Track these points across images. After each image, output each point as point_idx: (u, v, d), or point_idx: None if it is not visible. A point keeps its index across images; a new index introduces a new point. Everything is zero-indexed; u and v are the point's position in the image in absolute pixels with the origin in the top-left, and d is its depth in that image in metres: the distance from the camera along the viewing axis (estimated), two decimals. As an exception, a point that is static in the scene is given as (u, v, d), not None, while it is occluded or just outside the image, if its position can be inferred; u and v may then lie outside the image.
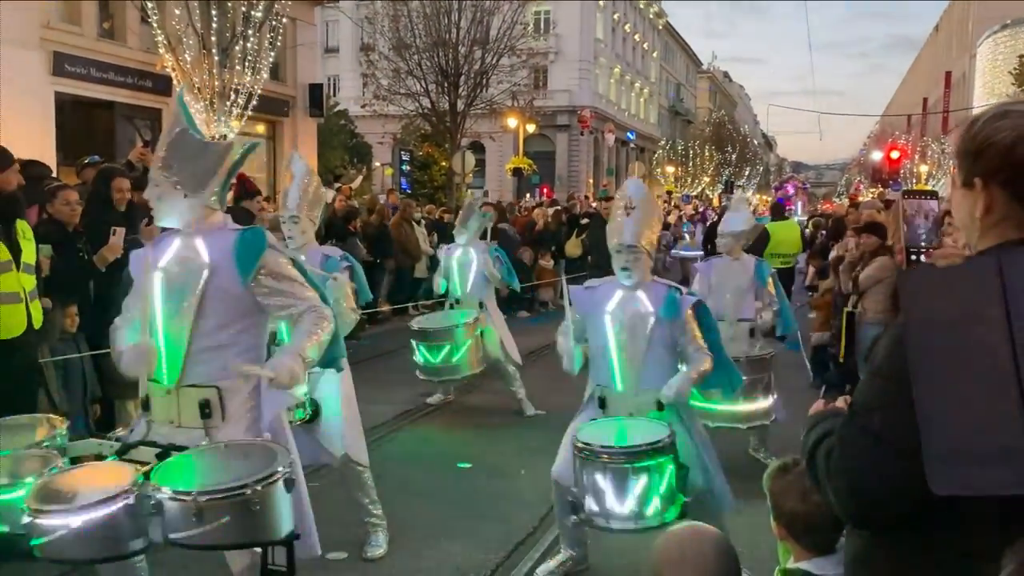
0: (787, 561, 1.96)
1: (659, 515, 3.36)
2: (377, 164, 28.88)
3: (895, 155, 30.87)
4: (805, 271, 11.73)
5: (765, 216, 18.10)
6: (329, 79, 35.31)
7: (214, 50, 14.21)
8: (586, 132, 38.89)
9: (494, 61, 22.82)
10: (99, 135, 14.67)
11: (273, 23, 15.49)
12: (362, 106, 26.02)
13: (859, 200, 20.55)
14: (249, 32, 14.79)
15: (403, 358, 6.92)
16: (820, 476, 1.49)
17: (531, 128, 29.47)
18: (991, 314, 1.17)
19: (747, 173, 65.81)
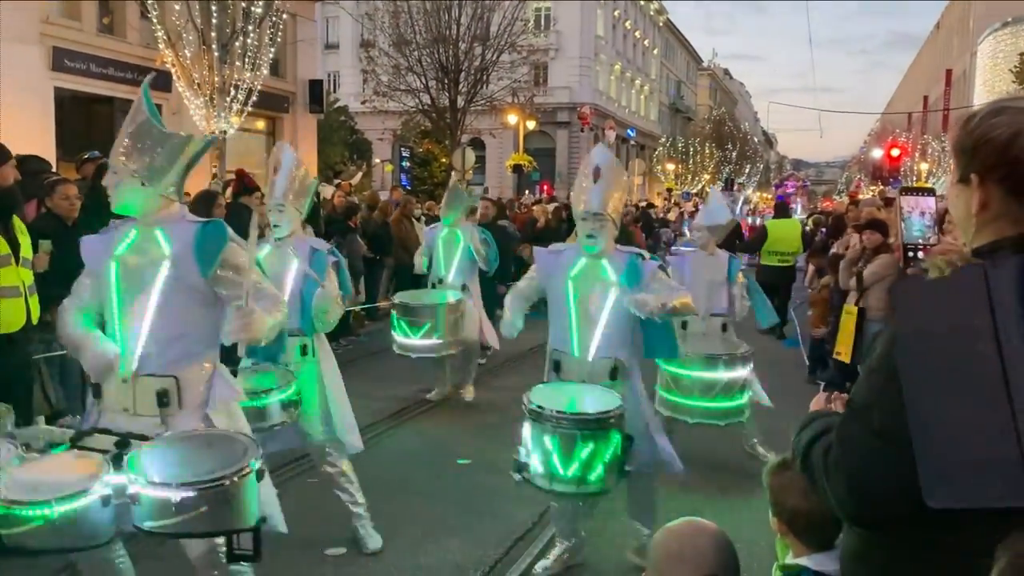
0: (785, 557, 1.96)
1: (601, 482, 3.41)
2: (377, 161, 28.87)
3: (895, 153, 30.85)
4: (805, 269, 11.72)
5: (768, 215, 18.13)
6: (329, 75, 35.31)
7: (214, 46, 14.20)
8: (586, 129, 38.86)
9: (494, 57, 22.81)
10: (98, 130, 14.64)
11: (273, 19, 15.48)
12: (362, 102, 25.98)
13: (859, 198, 20.55)
14: (249, 28, 14.78)
15: (400, 355, 6.93)
16: (817, 475, 1.49)
17: (531, 125, 29.44)
18: (979, 325, 1.16)
19: (747, 171, 65.79)
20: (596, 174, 3.77)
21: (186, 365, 2.88)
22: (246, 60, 14.79)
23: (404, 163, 24.21)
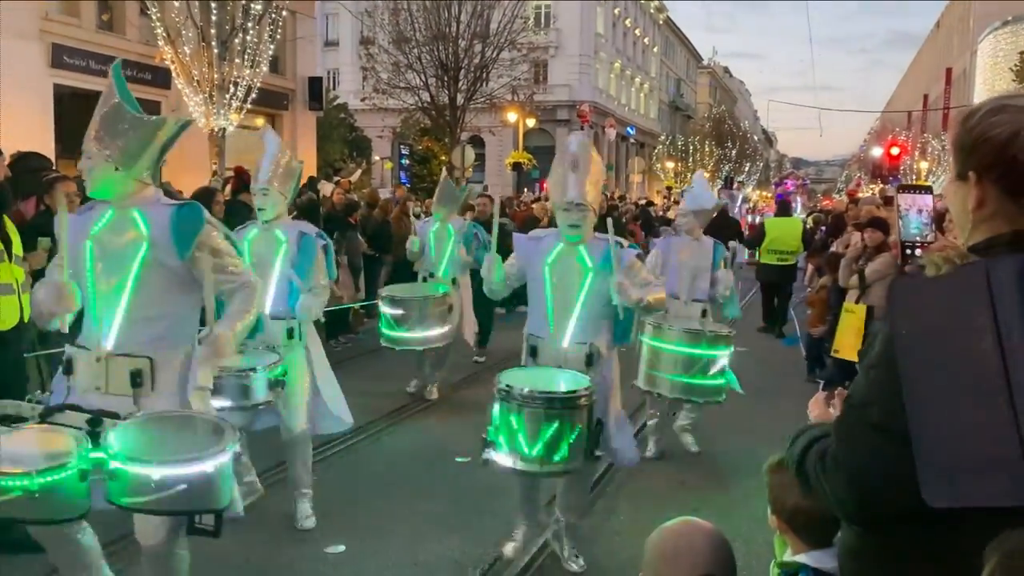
0: (783, 554, 1.96)
1: (565, 461, 3.46)
2: (376, 158, 28.85)
3: (895, 151, 30.86)
4: (805, 268, 11.71)
5: (767, 213, 18.10)
6: (328, 72, 35.26)
7: (213, 43, 14.19)
8: (586, 127, 38.83)
9: (494, 55, 22.79)
10: (98, 127, 14.63)
11: (272, 16, 15.46)
12: (362, 100, 25.96)
13: (858, 196, 20.55)
14: (248, 25, 14.77)
15: (400, 352, 6.94)
16: (812, 480, 1.49)
17: (531, 123, 29.42)
18: (979, 323, 1.16)
19: (747, 169, 65.75)
20: (574, 164, 3.82)
21: (162, 347, 2.89)
22: (245, 57, 14.78)
23: (403, 161, 24.20)
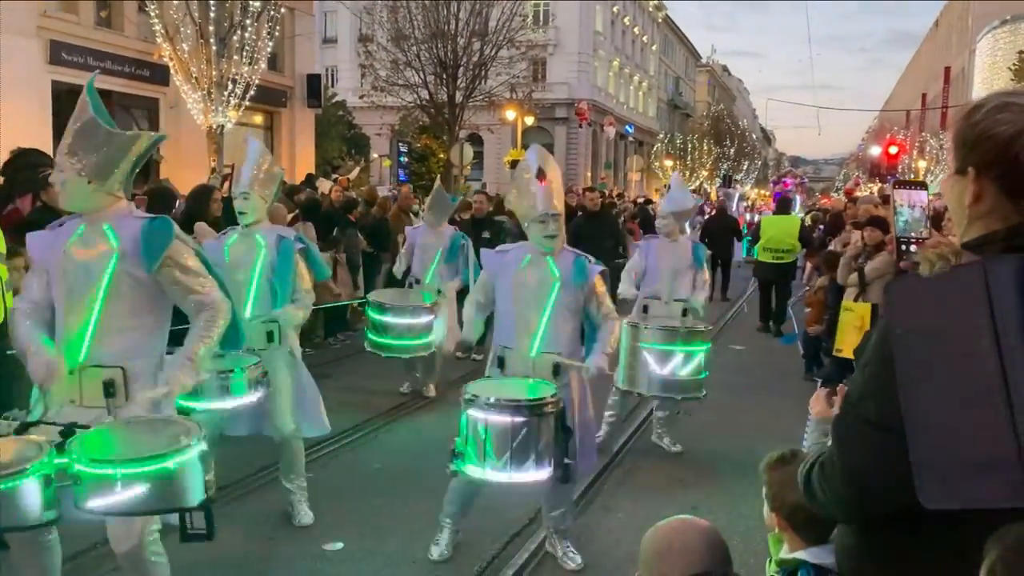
0: (779, 552, 1.96)
1: (533, 471, 3.48)
2: (375, 156, 28.82)
3: (893, 150, 30.88)
4: (804, 267, 11.71)
5: (766, 212, 18.09)
6: (327, 70, 35.24)
7: (212, 40, 14.17)
8: (584, 125, 38.82)
9: (493, 53, 22.75)
10: (96, 124, 14.61)
11: (271, 13, 15.44)
12: (360, 97, 25.93)
13: (856, 195, 20.55)
14: (247, 22, 14.74)
15: (373, 352, 6.96)
16: (816, 490, 1.49)
17: (529, 121, 29.40)
18: (977, 324, 1.15)
19: (745, 167, 65.77)
20: (540, 175, 3.91)
21: (133, 357, 2.93)
22: (244, 54, 14.75)
23: (402, 158, 24.19)
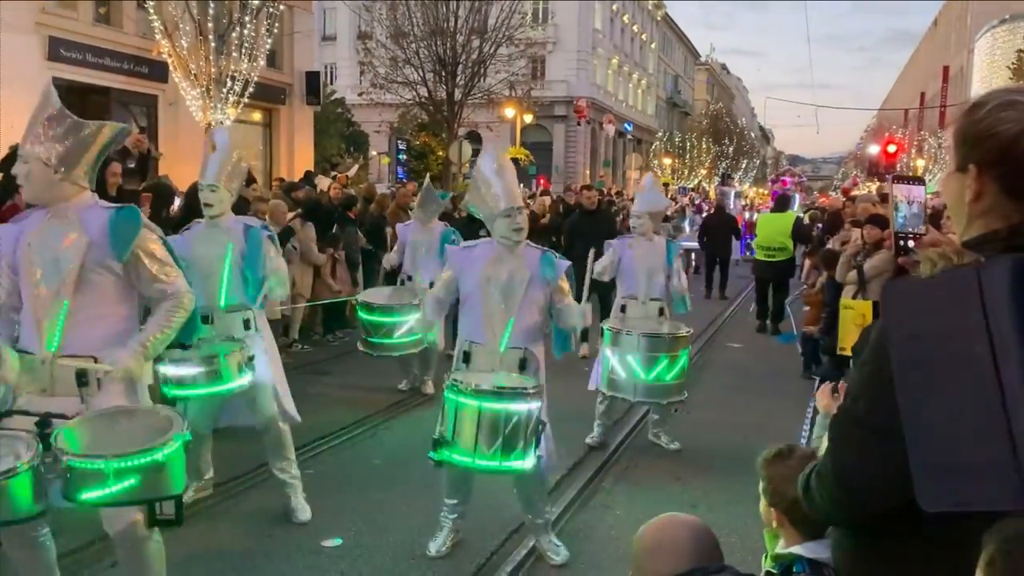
0: (775, 547, 1.97)
1: (522, 457, 3.58)
2: (374, 153, 28.83)
3: (892, 149, 30.86)
4: (801, 265, 11.70)
5: (764, 210, 18.09)
6: (326, 67, 35.18)
7: (211, 36, 14.14)
8: (583, 123, 38.80)
9: (492, 50, 22.71)
10: (94, 121, 14.58)
11: (270, 10, 15.40)
12: (359, 94, 25.91)
13: (853, 194, 20.54)
14: (246, 19, 14.71)
15: (366, 352, 6.96)
16: (813, 494, 1.50)
17: (528, 118, 29.42)
18: (971, 327, 1.15)
19: (744, 166, 65.82)
20: (500, 172, 3.99)
21: (105, 346, 2.93)
22: (243, 51, 14.73)
23: (401, 156, 24.18)
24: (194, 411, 4.26)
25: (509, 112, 26.98)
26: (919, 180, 1.71)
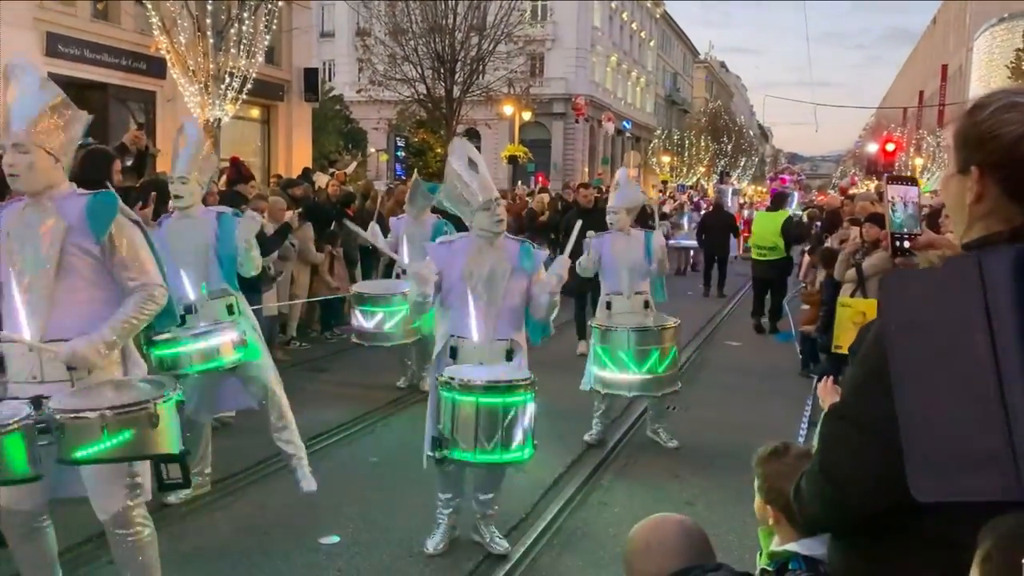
0: (769, 545, 1.97)
1: (521, 449, 3.63)
2: (372, 150, 28.79)
3: (890, 147, 30.88)
4: (800, 263, 11.69)
5: (761, 208, 18.05)
6: (324, 64, 35.13)
7: (209, 33, 14.11)
8: (581, 120, 38.79)
9: (491, 48, 22.70)
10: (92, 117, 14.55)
11: (268, 6, 15.38)
12: (357, 91, 25.91)
13: (851, 193, 20.51)
14: (244, 15, 14.68)
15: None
16: (803, 495, 1.50)
17: (527, 116, 29.39)
18: (971, 316, 1.14)
19: (742, 164, 65.83)
20: (473, 165, 4.06)
21: (91, 330, 2.92)
22: (241, 47, 14.70)
23: (399, 153, 24.13)
24: (190, 397, 4.28)
25: (508, 109, 26.97)
26: (913, 180, 1.71)
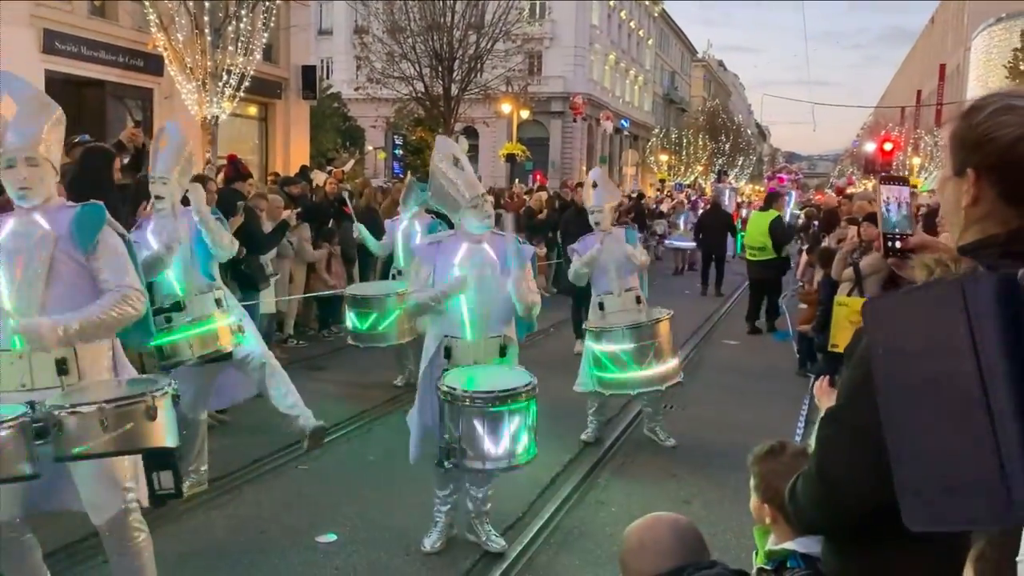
0: (765, 543, 1.98)
1: (527, 452, 3.66)
2: (370, 148, 28.78)
3: (888, 147, 30.90)
4: (797, 263, 11.69)
5: (758, 207, 18.03)
6: (322, 61, 35.07)
7: (206, 30, 14.08)
8: (579, 119, 38.77)
9: (489, 46, 22.66)
10: (89, 114, 14.50)
11: (266, 4, 15.35)
12: (355, 89, 25.82)
13: (848, 192, 20.52)
14: (242, 12, 14.65)
15: (354, 344, 6.99)
16: (797, 497, 1.50)
17: (525, 114, 29.35)
18: (957, 345, 1.12)
19: (740, 163, 65.85)
20: (457, 163, 4.04)
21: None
22: (239, 45, 14.67)
23: (397, 151, 24.12)
24: (185, 392, 4.28)
25: (506, 108, 26.93)
26: (904, 181, 1.71)
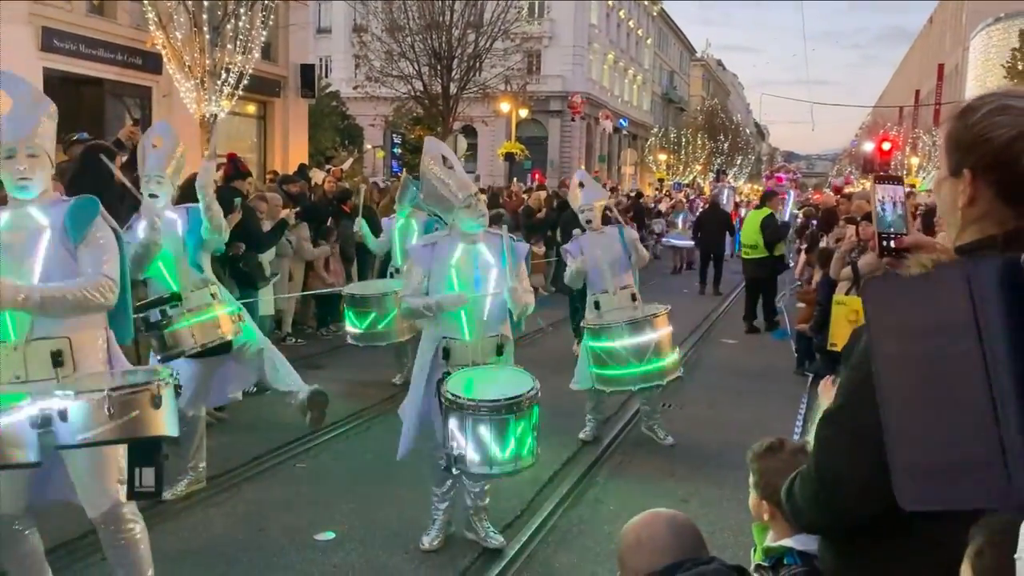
0: (763, 540, 1.98)
1: (531, 454, 3.69)
2: (368, 146, 28.76)
3: (886, 146, 30.92)
4: (795, 262, 11.70)
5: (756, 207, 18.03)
6: (321, 60, 35.02)
7: (205, 28, 14.07)
8: (577, 118, 38.76)
9: (488, 44, 22.66)
10: (88, 112, 14.49)
11: (265, 2, 15.33)
12: (354, 88, 25.80)
13: (846, 191, 20.52)
14: (241, 11, 14.64)
15: (353, 344, 7.00)
16: (795, 497, 1.50)
17: (524, 113, 29.34)
18: (959, 325, 1.12)
19: (739, 162, 65.89)
20: (446, 162, 4.07)
21: (77, 328, 2.96)
22: (237, 43, 14.66)
23: (395, 149, 24.13)
24: (184, 389, 4.29)
25: (504, 107, 26.93)
26: (900, 180, 1.71)
